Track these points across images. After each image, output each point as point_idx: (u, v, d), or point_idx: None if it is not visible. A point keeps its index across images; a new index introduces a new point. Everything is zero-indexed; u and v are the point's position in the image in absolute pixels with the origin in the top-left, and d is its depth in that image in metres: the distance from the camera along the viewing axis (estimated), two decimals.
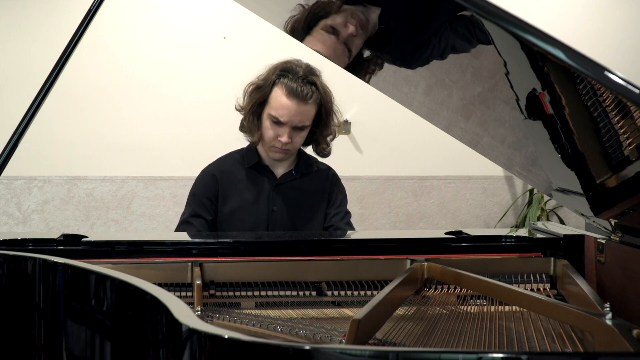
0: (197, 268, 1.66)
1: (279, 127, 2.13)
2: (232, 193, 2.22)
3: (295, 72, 2.12)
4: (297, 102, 2.10)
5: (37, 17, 3.82)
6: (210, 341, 1.03)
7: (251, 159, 2.25)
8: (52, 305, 1.43)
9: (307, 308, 1.62)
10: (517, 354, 1.01)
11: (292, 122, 2.12)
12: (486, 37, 1.26)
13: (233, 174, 2.24)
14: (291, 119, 2.11)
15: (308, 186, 2.28)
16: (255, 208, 2.21)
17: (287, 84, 2.11)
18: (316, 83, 2.14)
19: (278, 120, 2.12)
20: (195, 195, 2.24)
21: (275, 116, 2.12)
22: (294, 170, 2.27)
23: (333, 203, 2.31)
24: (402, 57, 1.62)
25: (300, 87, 2.10)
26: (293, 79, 2.11)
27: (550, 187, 1.75)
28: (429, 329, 1.40)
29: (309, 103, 2.11)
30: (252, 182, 2.23)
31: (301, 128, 2.15)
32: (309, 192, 2.27)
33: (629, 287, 1.47)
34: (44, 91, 1.78)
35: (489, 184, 4.27)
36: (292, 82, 2.11)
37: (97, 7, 1.83)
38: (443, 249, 1.80)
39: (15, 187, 3.88)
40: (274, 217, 2.21)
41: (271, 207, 2.21)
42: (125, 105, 3.91)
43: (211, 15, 3.96)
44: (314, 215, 2.26)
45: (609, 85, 1.10)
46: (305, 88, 2.10)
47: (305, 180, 2.28)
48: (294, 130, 2.14)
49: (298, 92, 2.09)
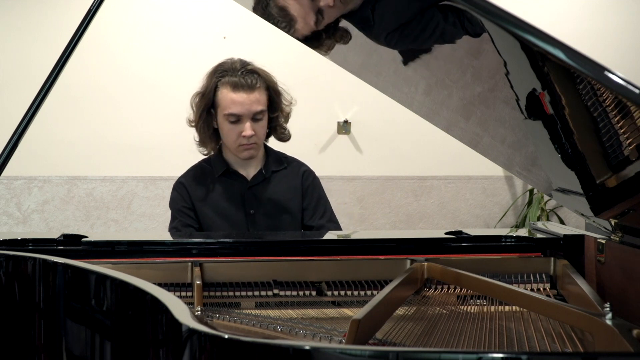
0: (197, 268, 1.66)
1: (239, 124, 2.15)
2: (206, 203, 2.22)
3: (232, 69, 2.16)
4: (245, 92, 2.13)
5: (37, 17, 3.82)
6: (210, 341, 1.03)
7: (219, 167, 2.25)
8: (52, 305, 1.43)
9: (307, 308, 1.62)
10: (517, 354, 1.01)
11: (249, 112, 2.13)
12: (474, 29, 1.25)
13: (204, 184, 2.25)
14: (246, 109, 2.13)
15: (281, 184, 2.27)
16: (231, 215, 2.21)
17: (230, 81, 2.14)
18: (256, 70, 2.18)
19: (235, 115, 2.13)
20: (175, 208, 2.25)
21: (230, 114, 2.14)
22: (263, 169, 2.26)
23: (310, 199, 2.29)
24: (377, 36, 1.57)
25: (243, 78, 2.14)
26: (233, 75, 2.15)
27: (550, 187, 1.75)
28: (429, 329, 1.40)
29: (256, 89, 2.14)
30: (225, 190, 2.23)
31: (259, 117, 2.16)
32: (283, 189, 2.26)
33: (629, 287, 1.47)
34: (44, 91, 1.78)
35: (489, 184, 4.27)
36: (233, 78, 2.14)
37: (97, 7, 1.83)
38: (443, 249, 1.80)
39: (15, 187, 3.88)
40: (252, 220, 2.21)
41: (248, 211, 2.21)
42: (125, 105, 3.91)
43: (211, 15, 3.96)
44: (292, 212, 2.25)
45: (609, 85, 1.10)
46: (248, 78, 2.14)
47: (277, 178, 2.27)
48: (253, 122, 2.15)
49: (243, 83, 2.13)
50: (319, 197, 2.32)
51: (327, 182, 4.12)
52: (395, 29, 1.50)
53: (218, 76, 2.16)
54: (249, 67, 2.18)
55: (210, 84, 2.17)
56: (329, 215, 2.31)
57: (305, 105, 4.06)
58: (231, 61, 2.19)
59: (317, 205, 2.29)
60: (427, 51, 1.52)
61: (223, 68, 2.18)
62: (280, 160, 2.31)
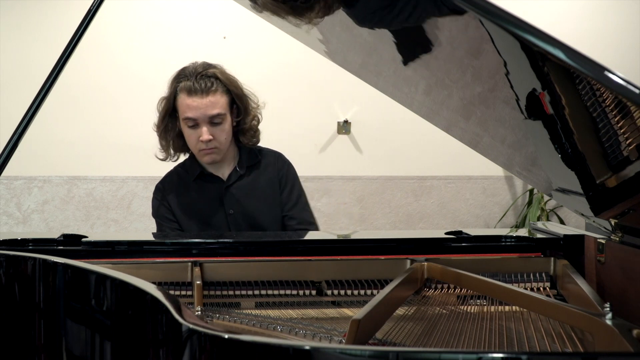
0: (197, 268, 1.66)
1: (196, 129, 2.14)
2: (184, 208, 2.22)
3: (189, 73, 2.15)
4: (199, 96, 2.12)
5: (37, 17, 3.83)
6: (210, 341, 1.03)
7: (194, 171, 2.25)
8: (52, 305, 1.43)
9: (307, 308, 1.62)
10: (517, 354, 1.01)
11: (204, 116, 2.12)
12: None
13: (180, 190, 2.25)
14: (201, 113, 2.12)
15: (258, 178, 2.26)
16: (211, 217, 2.21)
17: (185, 86, 2.14)
18: (215, 74, 2.16)
19: (191, 119, 2.13)
20: (158, 216, 2.25)
21: (186, 118, 2.13)
22: (237, 167, 2.25)
23: (285, 187, 2.27)
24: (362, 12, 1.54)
25: (197, 82, 2.13)
26: (189, 79, 2.14)
27: (550, 187, 1.75)
28: (429, 329, 1.40)
29: (211, 93, 2.13)
30: (202, 193, 2.23)
31: (217, 121, 2.14)
32: (260, 184, 2.25)
33: (629, 287, 1.47)
34: (44, 91, 1.78)
35: (489, 184, 4.28)
36: (188, 82, 2.14)
37: (97, 7, 1.83)
38: (443, 249, 1.80)
39: (15, 187, 3.88)
40: (233, 220, 2.20)
41: (227, 212, 2.21)
42: (125, 105, 3.91)
43: (211, 15, 3.96)
44: (272, 207, 2.25)
45: (609, 85, 1.10)
46: (203, 82, 2.13)
47: (253, 174, 2.26)
48: (212, 126, 2.14)
49: (196, 88, 2.12)
50: (293, 186, 2.29)
51: (327, 182, 4.14)
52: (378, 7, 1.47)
53: (177, 81, 2.17)
54: (209, 70, 2.16)
55: (171, 90, 2.18)
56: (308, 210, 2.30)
57: (305, 105, 4.10)
58: (192, 65, 2.18)
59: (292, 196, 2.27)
60: (427, 51, 1.51)
61: (181, 73, 2.18)
62: (254, 154, 2.29)
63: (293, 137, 3.96)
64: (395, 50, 1.61)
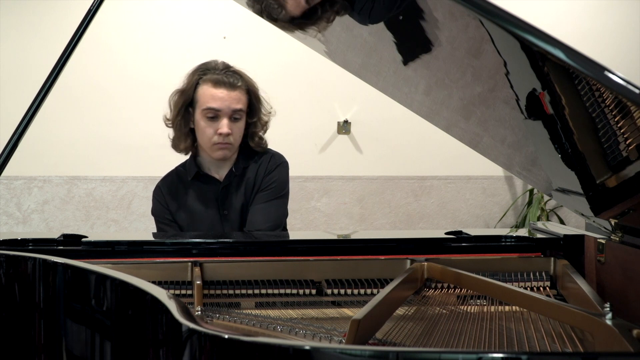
0: (197, 268, 1.66)
1: (216, 121, 2.14)
2: (181, 208, 2.23)
3: (215, 68, 2.18)
4: (226, 88, 2.14)
5: (37, 17, 3.82)
6: (210, 341, 1.03)
7: (191, 171, 2.25)
8: (52, 305, 1.43)
9: (307, 308, 1.62)
10: (517, 354, 1.01)
11: (228, 108, 2.13)
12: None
13: (179, 189, 2.25)
14: (226, 105, 2.13)
15: (248, 179, 2.25)
16: (206, 217, 2.21)
17: (211, 78, 2.15)
18: (239, 72, 2.19)
19: (213, 109, 2.13)
20: (157, 215, 2.26)
21: (209, 108, 2.13)
22: (234, 168, 2.25)
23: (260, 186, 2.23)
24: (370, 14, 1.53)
25: (225, 76, 2.15)
26: (216, 73, 2.16)
27: (550, 187, 1.75)
28: (429, 329, 1.40)
29: (237, 88, 2.15)
30: (199, 193, 2.24)
31: (237, 117, 2.16)
32: (249, 184, 2.25)
33: (629, 287, 1.47)
34: (44, 91, 1.78)
35: (489, 184, 4.28)
36: (216, 75, 2.15)
37: (97, 7, 1.83)
38: (443, 249, 1.80)
39: (15, 187, 3.88)
40: (227, 219, 2.21)
41: (222, 212, 2.21)
42: (125, 105, 3.91)
43: (211, 15, 3.96)
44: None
45: (609, 85, 1.10)
46: (231, 77, 2.16)
47: (248, 174, 2.25)
48: (231, 121, 2.15)
49: (225, 81, 2.14)
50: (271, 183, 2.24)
51: (327, 182, 4.14)
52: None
53: (200, 74, 2.17)
54: (232, 68, 2.20)
55: (192, 81, 2.18)
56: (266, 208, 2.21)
57: (305, 105, 4.10)
58: (215, 62, 2.21)
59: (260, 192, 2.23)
60: (427, 51, 1.52)
61: (206, 67, 2.19)
62: (252, 156, 2.27)
63: (293, 137, 3.96)
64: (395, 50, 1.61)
